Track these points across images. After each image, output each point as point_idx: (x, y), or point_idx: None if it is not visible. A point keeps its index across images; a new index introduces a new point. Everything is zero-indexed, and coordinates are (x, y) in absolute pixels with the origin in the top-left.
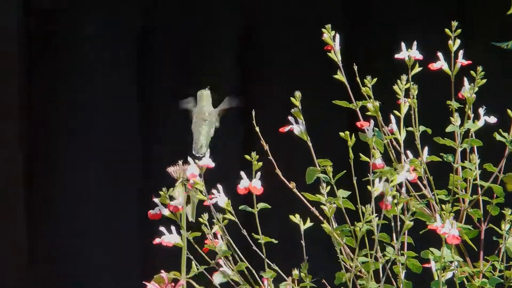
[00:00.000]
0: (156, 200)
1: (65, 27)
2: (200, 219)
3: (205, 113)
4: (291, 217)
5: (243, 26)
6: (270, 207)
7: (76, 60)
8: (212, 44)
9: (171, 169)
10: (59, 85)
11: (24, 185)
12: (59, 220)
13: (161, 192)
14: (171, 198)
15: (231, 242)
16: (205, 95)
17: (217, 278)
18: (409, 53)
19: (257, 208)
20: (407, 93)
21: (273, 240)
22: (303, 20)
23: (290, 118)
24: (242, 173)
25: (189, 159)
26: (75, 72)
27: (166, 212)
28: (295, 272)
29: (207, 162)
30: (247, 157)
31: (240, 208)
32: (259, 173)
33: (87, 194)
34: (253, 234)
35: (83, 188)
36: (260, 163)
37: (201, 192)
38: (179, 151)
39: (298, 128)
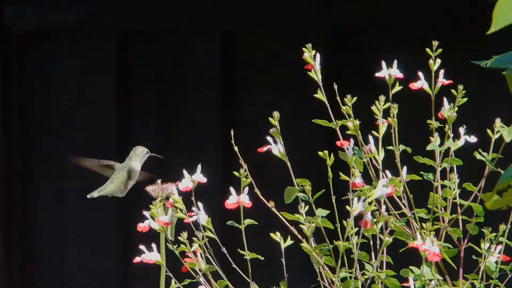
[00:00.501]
0: (145, 213)
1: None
2: (180, 238)
3: (128, 167)
4: (272, 235)
5: (224, 43)
6: (257, 223)
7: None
8: (192, 61)
9: (150, 188)
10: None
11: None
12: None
13: (151, 206)
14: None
15: (213, 259)
16: (138, 151)
17: None
18: (389, 72)
19: (244, 224)
20: (386, 113)
21: (259, 257)
22: (286, 38)
23: (268, 138)
24: (231, 189)
25: (184, 172)
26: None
27: (155, 225)
28: None
29: (199, 177)
30: (236, 173)
31: (228, 223)
32: (247, 188)
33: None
34: (238, 250)
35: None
36: (249, 180)
37: (181, 210)
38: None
39: (276, 148)
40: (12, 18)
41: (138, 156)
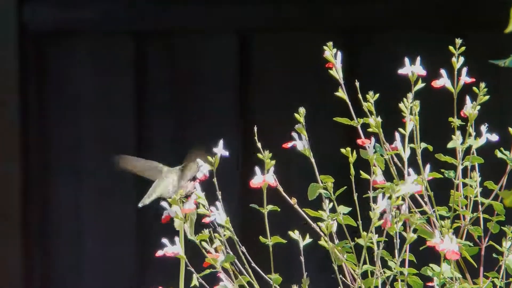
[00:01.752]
0: (164, 203)
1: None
2: (202, 234)
3: (173, 172)
4: (290, 233)
5: (240, 42)
6: (279, 209)
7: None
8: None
9: None
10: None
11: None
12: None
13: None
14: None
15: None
16: (190, 165)
17: None
18: (412, 69)
19: (267, 209)
20: (411, 111)
21: (282, 240)
22: (304, 37)
23: (293, 134)
24: (257, 168)
25: (199, 161)
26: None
27: (173, 213)
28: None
29: (221, 151)
30: (260, 155)
31: (250, 205)
32: (272, 169)
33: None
34: (260, 237)
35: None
36: (273, 162)
37: (203, 206)
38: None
39: (301, 144)
40: (30, 17)
41: (189, 170)
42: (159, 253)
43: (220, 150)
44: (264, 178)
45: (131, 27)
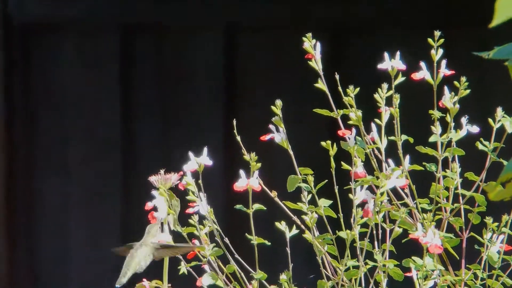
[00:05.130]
0: (154, 192)
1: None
2: (191, 221)
3: (142, 245)
4: (277, 224)
5: (227, 36)
6: (265, 208)
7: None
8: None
9: (153, 179)
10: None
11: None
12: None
13: (160, 186)
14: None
15: (221, 245)
16: (152, 231)
17: (205, 280)
18: (392, 63)
19: (252, 208)
20: (388, 102)
21: (266, 242)
22: (286, 27)
23: (271, 126)
24: (241, 172)
25: (190, 154)
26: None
27: (161, 214)
28: (282, 276)
29: (205, 160)
30: (246, 157)
31: (236, 207)
32: (256, 172)
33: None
34: (246, 234)
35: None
36: (259, 165)
37: (193, 193)
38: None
39: (279, 136)
40: (15, 8)
41: (152, 235)
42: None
43: (204, 159)
44: (248, 181)
45: (117, 21)
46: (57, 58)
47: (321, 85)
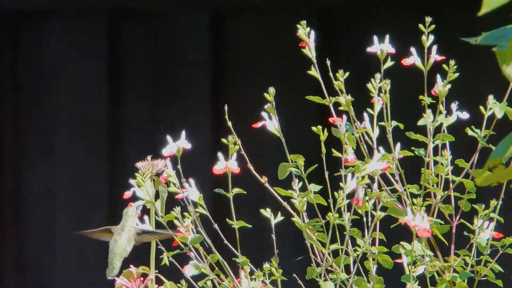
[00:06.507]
0: (132, 181)
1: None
2: (172, 212)
3: (124, 230)
4: (262, 211)
5: (213, 21)
6: (245, 192)
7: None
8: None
9: (140, 164)
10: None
11: None
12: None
13: (137, 174)
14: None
15: (204, 234)
16: (130, 212)
17: (188, 271)
18: (381, 47)
19: (232, 192)
20: (380, 91)
21: (247, 225)
22: (277, 15)
23: (263, 113)
24: (219, 154)
25: (168, 138)
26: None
27: (141, 194)
28: (266, 265)
29: (183, 143)
30: (224, 140)
31: (215, 191)
32: (235, 154)
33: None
34: (227, 219)
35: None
36: (237, 147)
37: (174, 184)
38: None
39: (271, 123)
40: None
41: (131, 216)
42: None
43: (183, 142)
44: (226, 164)
45: (105, 6)
46: (44, 42)
47: (314, 72)
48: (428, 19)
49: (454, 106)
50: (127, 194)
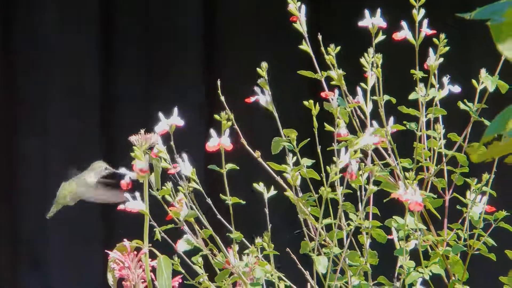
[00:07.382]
0: (123, 169)
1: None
2: (165, 187)
3: (80, 181)
4: (255, 185)
5: None
6: (238, 168)
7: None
8: (175, 12)
9: (133, 138)
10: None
11: None
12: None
13: (134, 148)
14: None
15: (197, 209)
16: (97, 165)
17: (181, 246)
18: (372, 21)
19: (225, 168)
20: (373, 66)
21: (241, 201)
22: None
23: (256, 88)
24: (212, 131)
25: (160, 115)
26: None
27: (133, 175)
28: (258, 240)
29: (176, 120)
30: (216, 117)
31: (208, 167)
32: (227, 131)
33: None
34: (220, 195)
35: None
36: (229, 123)
37: (165, 160)
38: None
39: (264, 98)
40: None
41: (94, 171)
42: (121, 207)
43: (175, 119)
44: (219, 141)
45: None
46: (37, 18)
47: (306, 47)
48: None
49: (445, 80)
50: (123, 183)
